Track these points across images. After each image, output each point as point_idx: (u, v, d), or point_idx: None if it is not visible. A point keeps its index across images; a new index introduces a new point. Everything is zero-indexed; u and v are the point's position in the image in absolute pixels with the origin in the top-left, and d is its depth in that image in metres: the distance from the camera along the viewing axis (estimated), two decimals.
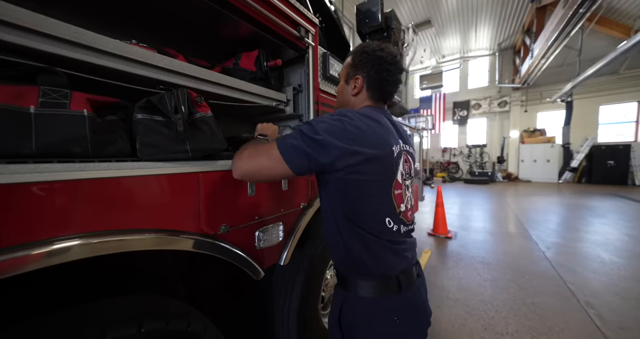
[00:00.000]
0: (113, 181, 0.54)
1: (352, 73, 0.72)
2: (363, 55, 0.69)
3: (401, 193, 0.66)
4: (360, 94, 0.72)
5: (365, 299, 0.61)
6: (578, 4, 4.56)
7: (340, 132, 0.57)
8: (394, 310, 0.59)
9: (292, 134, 0.60)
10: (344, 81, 0.75)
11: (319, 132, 0.56)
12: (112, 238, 0.52)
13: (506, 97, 11.01)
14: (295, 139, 0.58)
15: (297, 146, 0.57)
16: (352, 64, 0.72)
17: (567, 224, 4.08)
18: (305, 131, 0.58)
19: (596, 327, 1.62)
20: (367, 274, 0.61)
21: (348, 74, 0.73)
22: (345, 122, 0.58)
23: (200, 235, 0.67)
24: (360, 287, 0.61)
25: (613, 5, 6.51)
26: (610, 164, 8.76)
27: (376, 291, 0.60)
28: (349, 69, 0.73)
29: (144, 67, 0.67)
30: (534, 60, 7.45)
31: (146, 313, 0.57)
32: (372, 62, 0.67)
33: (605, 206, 5.29)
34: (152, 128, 0.66)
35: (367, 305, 0.61)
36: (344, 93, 0.76)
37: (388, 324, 0.58)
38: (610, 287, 2.11)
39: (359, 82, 0.70)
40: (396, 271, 0.61)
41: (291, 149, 0.57)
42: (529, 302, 1.90)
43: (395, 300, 0.60)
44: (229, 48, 1.24)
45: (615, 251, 2.90)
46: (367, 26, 2.44)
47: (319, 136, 0.56)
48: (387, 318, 0.59)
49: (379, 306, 0.60)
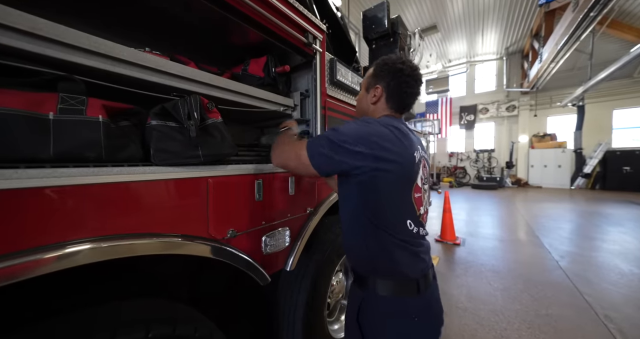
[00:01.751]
0: (124, 186, 0.55)
1: (372, 83, 0.76)
2: (384, 66, 0.73)
3: (420, 197, 0.70)
4: (379, 102, 0.75)
5: (385, 299, 0.62)
6: (589, 8, 4.49)
7: (365, 138, 0.60)
8: (413, 310, 0.62)
9: (320, 140, 0.63)
10: (365, 90, 0.79)
11: (345, 138, 0.60)
12: (122, 242, 0.52)
13: (514, 101, 10.83)
14: (322, 146, 0.61)
15: (324, 152, 0.61)
16: (374, 74, 0.76)
17: (581, 232, 3.92)
18: (332, 136, 0.62)
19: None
20: (387, 275, 0.63)
21: (369, 83, 0.77)
22: (370, 128, 0.62)
23: (207, 240, 0.67)
24: (380, 287, 0.63)
25: (625, 8, 6.38)
26: (626, 170, 8.44)
27: (396, 291, 0.62)
28: (370, 78, 0.77)
29: (157, 74, 0.69)
30: (543, 64, 7.34)
31: (154, 318, 0.57)
32: (392, 74, 0.71)
33: (622, 214, 5.07)
34: (166, 134, 0.68)
35: (387, 305, 0.62)
36: (363, 101, 0.80)
37: (408, 324, 0.61)
38: (632, 300, 2.00)
39: (379, 92, 0.74)
40: (416, 272, 0.64)
41: (318, 154, 0.62)
42: (543, 313, 1.82)
43: (414, 300, 0.62)
44: (238, 54, 1.26)
45: (635, 262, 2.76)
46: (374, 32, 2.46)
47: (345, 142, 0.60)
48: (407, 317, 0.61)
49: (399, 306, 0.62)
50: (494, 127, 11.57)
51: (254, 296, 1.08)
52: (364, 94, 0.80)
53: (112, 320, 0.52)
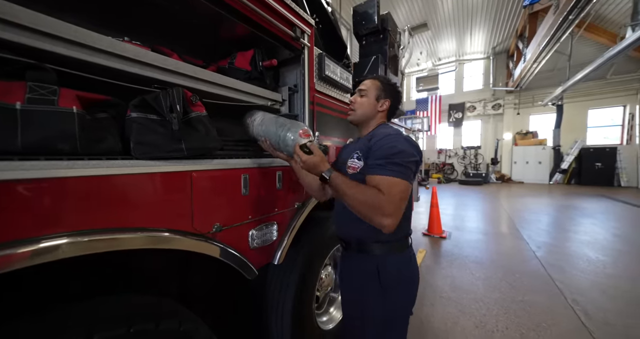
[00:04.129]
0: (103, 179, 0.53)
1: (382, 95, 0.91)
2: (391, 86, 0.92)
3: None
4: (382, 112, 0.93)
5: (398, 253, 0.82)
6: (568, 11, 4.69)
7: (416, 148, 0.77)
8: (411, 257, 0.85)
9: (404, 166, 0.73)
10: (375, 98, 0.91)
11: (413, 154, 0.75)
12: (102, 237, 0.51)
13: (500, 100, 11.20)
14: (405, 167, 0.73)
15: (408, 172, 0.74)
16: (383, 89, 0.91)
17: (557, 224, 4.17)
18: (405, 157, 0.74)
19: (581, 323, 1.67)
20: (401, 236, 0.83)
21: (379, 95, 0.91)
22: (411, 140, 0.79)
23: (192, 234, 0.67)
24: (395, 247, 0.82)
25: (601, 13, 6.72)
26: (598, 166, 9.02)
27: (404, 246, 0.84)
28: (380, 91, 0.91)
29: (137, 65, 0.67)
30: (526, 64, 7.61)
31: (136, 313, 0.57)
32: (396, 94, 0.93)
33: (593, 207, 5.42)
34: (147, 127, 0.66)
35: (400, 257, 0.82)
36: (371, 106, 0.91)
37: (412, 267, 0.84)
38: (596, 284, 2.17)
39: (387, 104, 0.92)
40: (410, 232, 0.87)
41: (408, 175, 0.73)
42: (519, 300, 1.94)
43: (410, 251, 0.86)
44: (225, 47, 1.23)
45: (602, 250, 2.98)
46: (364, 28, 2.46)
47: (413, 157, 0.75)
48: (412, 260, 0.85)
49: (408, 255, 0.84)
50: (480, 125, 11.94)
51: (243, 290, 1.09)
52: (373, 101, 0.91)
53: (89, 316, 0.51)
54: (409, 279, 0.83)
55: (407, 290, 0.82)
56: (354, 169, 0.82)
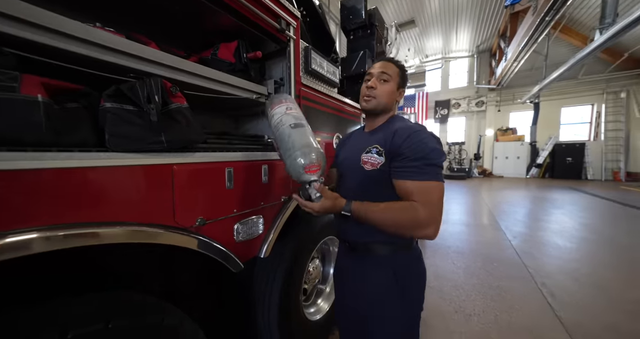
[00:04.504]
0: (77, 172, 0.51)
1: (401, 84, 0.82)
2: (406, 75, 0.84)
3: None
4: (396, 103, 0.85)
5: (409, 251, 0.79)
6: (545, 12, 4.91)
7: (440, 143, 0.73)
8: (420, 253, 0.83)
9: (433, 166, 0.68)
10: (397, 86, 0.81)
11: (442, 152, 0.71)
12: (77, 231, 0.49)
13: (483, 97, 11.63)
14: (439, 167, 0.69)
15: (441, 172, 0.70)
16: (402, 77, 0.82)
17: (531, 215, 4.45)
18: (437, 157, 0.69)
19: (547, 303, 1.83)
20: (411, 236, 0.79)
21: (400, 83, 0.82)
22: (434, 135, 0.74)
23: (174, 228, 0.66)
24: (405, 245, 0.78)
25: (574, 16, 7.10)
26: (569, 161, 9.72)
27: (412, 244, 0.80)
28: (401, 79, 0.82)
29: (110, 52, 0.63)
30: (507, 62, 7.93)
31: (115, 309, 0.55)
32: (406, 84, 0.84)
33: (563, 198, 5.84)
34: (123, 118, 0.63)
35: (412, 255, 0.80)
36: (392, 96, 0.82)
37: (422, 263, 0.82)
38: (563, 269, 2.37)
39: (402, 94, 0.84)
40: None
41: (441, 175, 0.69)
42: (495, 285, 2.08)
43: (417, 247, 0.83)
44: (207, 38, 1.19)
45: (568, 238, 3.23)
46: (352, 22, 2.45)
47: (444, 155, 0.71)
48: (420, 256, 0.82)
49: (416, 251, 0.82)
50: (464, 122, 12.37)
51: (230, 283, 1.09)
52: (395, 88, 0.81)
53: (65, 314, 0.49)
54: (423, 276, 0.81)
55: (422, 287, 0.80)
56: (373, 165, 0.74)
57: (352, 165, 0.80)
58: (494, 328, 1.58)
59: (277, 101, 0.89)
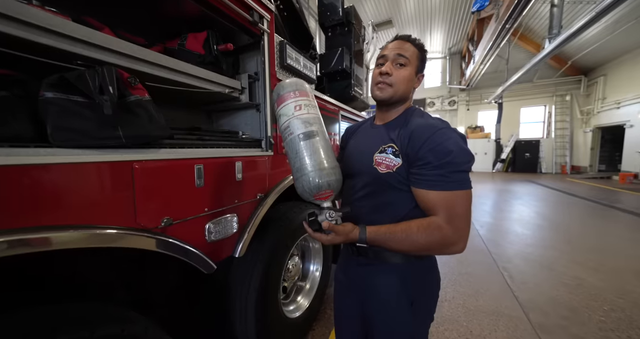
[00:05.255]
0: (11, 170, 0.45)
1: (421, 68, 0.70)
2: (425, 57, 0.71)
3: None
4: (413, 90, 0.72)
5: (426, 260, 0.71)
6: (505, 20, 5.36)
7: (466, 142, 0.64)
8: (434, 261, 0.74)
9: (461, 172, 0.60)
10: (415, 71, 0.69)
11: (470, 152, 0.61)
12: (15, 237, 0.44)
13: (455, 97, 12.40)
14: (467, 173, 0.61)
15: (469, 178, 0.61)
16: (422, 59, 0.69)
17: (496, 206, 4.89)
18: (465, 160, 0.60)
19: (507, 285, 2.04)
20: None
21: (419, 67, 0.69)
22: (459, 132, 0.65)
23: (135, 230, 0.61)
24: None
25: (529, 25, 7.87)
26: (527, 156, 10.88)
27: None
28: (420, 62, 0.69)
29: (50, 35, 0.56)
30: (475, 65, 8.53)
31: (67, 322, 0.50)
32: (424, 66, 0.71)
33: (522, 190, 6.50)
34: (69, 110, 0.57)
35: (425, 263, 0.71)
36: (410, 83, 0.69)
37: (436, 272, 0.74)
38: (520, 253, 2.65)
39: (421, 80, 0.72)
40: None
41: (470, 181, 0.60)
42: (464, 272, 2.25)
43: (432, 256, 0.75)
44: (173, 27, 1.11)
45: (525, 225, 3.61)
46: (329, 19, 2.45)
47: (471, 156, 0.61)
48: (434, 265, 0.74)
49: (431, 260, 0.73)
50: None
51: (206, 284, 1.05)
52: (412, 75, 0.68)
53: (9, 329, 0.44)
54: (434, 288, 0.73)
55: (433, 299, 0.73)
56: (389, 167, 0.64)
57: (362, 164, 0.70)
58: (462, 311, 1.71)
59: (285, 93, 0.68)
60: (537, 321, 1.60)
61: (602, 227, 3.52)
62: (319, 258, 1.59)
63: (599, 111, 9.30)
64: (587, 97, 10.11)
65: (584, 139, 10.11)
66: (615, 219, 3.90)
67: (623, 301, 1.77)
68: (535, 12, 7.08)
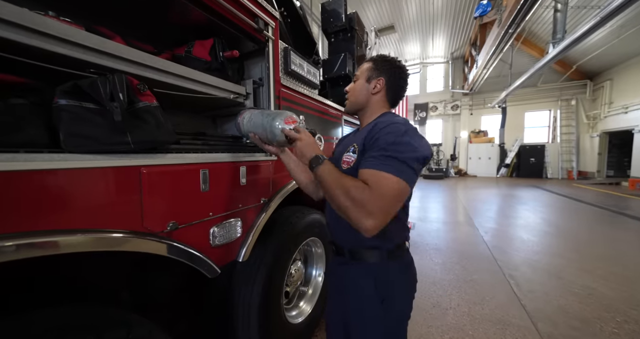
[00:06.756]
0: (25, 175, 0.46)
1: (374, 75, 0.79)
2: (385, 62, 0.79)
3: None
4: (379, 94, 0.80)
5: (396, 260, 0.75)
6: (508, 25, 5.38)
7: (425, 143, 0.66)
8: (410, 261, 0.79)
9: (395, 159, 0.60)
10: (365, 80, 0.80)
11: (417, 148, 0.62)
12: (27, 241, 0.45)
13: (457, 101, 12.39)
14: (403, 163, 0.60)
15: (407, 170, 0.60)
16: (375, 67, 0.80)
17: (501, 212, 4.81)
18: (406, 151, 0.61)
19: (514, 293, 1.99)
20: (396, 242, 0.75)
21: (370, 75, 0.79)
22: (419, 134, 0.68)
23: (142, 234, 0.62)
24: (392, 253, 0.74)
25: (533, 30, 7.87)
26: (532, 161, 10.75)
27: (402, 252, 0.77)
28: (371, 71, 0.80)
29: (65, 45, 0.58)
30: (478, 69, 8.54)
31: (73, 325, 0.51)
32: (393, 70, 0.79)
33: (527, 196, 6.40)
34: (82, 116, 0.58)
35: (398, 264, 0.75)
36: (363, 91, 0.81)
37: (411, 272, 0.78)
38: (527, 261, 2.59)
39: (381, 83, 0.78)
40: (408, 235, 0.81)
41: (413, 177, 0.61)
42: (469, 279, 2.21)
43: (408, 255, 0.80)
44: (181, 35, 1.14)
45: (532, 232, 3.55)
46: (332, 25, 2.49)
47: (418, 153, 0.62)
48: (409, 266, 0.78)
49: (405, 261, 0.78)
50: (441, 124, 13.07)
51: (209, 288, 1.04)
52: (363, 84, 0.80)
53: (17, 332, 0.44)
54: (407, 288, 0.76)
55: (407, 296, 0.76)
56: (348, 163, 0.72)
57: (338, 166, 0.76)
58: (467, 320, 1.67)
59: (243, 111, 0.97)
60: (546, 331, 1.55)
61: (612, 234, 3.44)
62: (321, 262, 1.58)
63: (606, 115, 9.18)
64: (593, 102, 10.00)
65: (591, 144, 9.96)
66: (625, 226, 3.81)
67: (637, 313, 1.71)
68: (538, 17, 7.09)
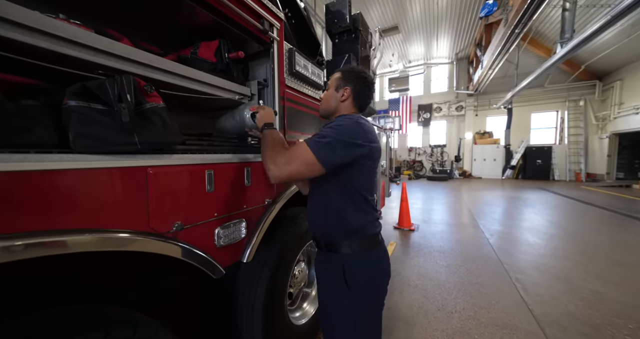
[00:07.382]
0: (35, 175, 0.46)
1: (342, 84, 0.89)
2: (352, 73, 0.90)
3: (376, 180, 0.94)
4: (346, 101, 0.90)
5: (364, 253, 0.81)
6: (514, 25, 5.31)
7: (362, 134, 0.76)
8: (380, 256, 0.84)
9: (325, 140, 0.71)
10: (334, 89, 0.91)
11: (345, 133, 0.73)
12: (37, 240, 0.45)
13: (462, 102, 12.25)
14: (331, 146, 0.71)
15: (334, 150, 0.71)
16: (343, 77, 0.90)
17: (506, 214, 4.74)
18: (336, 135, 0.72)
19: (521, 297, 1.95)
20: (364, 235, 0.82)
21: (339, 84, 0.90)
22: (362, 125, 0.78)
23: (148, 234, 0.62)
24: (361, 245, 0.81)
25: (540, 29, 7.75)
26: (538, 163, 10.53)
27: (371, 245, 0.82)
28: (340, 81, 0.90)
29: (74, 47, 0.59)
30: (483, 70, 8.44)
31: (81, 324, 0.51)
32: (358, 79, 0.89)
33: (534, 198, 6.28)
34: (90, 117, 0.59)
35: (366, 257, 0.81)
36: (332, 98, 0.91)
37: (379, 266, 0.83)
38: (534, 264, 2.54)
39: (348, 92, 0.89)
40: (377, 230, 0.86)
41: (326, 153, 0.70)
42: (474, 282, 2.18)
43: (379, 249, 0.84)
44: (187, 36, 1.15)
45: (538, 234, 3.48)
46: (336, 26, 2.49)
47: (344, 137, 0.73)
48: (381, 258, 0.84)
49: (377, 253, 0.83)
50: (445, 125, 12.95)
51: (213, 288, 1.05)
52: (333, 92, 0.91)
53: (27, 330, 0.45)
54: (377, 278, 0.81)
55: (375, 289, 0.81)
56: None
57: None
58: (473, 324, 1.65)
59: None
60: (555, 337, 1.52)
61: (622, 238, 3.36)
62: None
63: (616, 116, 8.98)
64: (603, 103, 9.79)
65: (600, 145, 9.74)
66: (635, 229, 3.71)
67: None
68: (546, 16, 6.98)
